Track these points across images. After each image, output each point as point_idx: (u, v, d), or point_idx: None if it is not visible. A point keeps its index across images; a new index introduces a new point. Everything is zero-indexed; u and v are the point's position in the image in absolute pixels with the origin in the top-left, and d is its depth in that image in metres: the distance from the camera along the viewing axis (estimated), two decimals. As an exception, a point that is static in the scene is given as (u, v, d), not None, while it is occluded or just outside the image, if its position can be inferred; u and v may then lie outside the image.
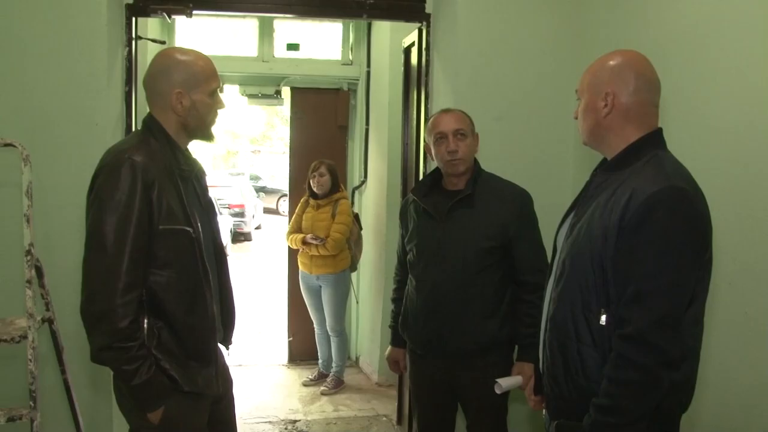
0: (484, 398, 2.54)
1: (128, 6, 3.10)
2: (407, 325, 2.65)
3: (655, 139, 1.73)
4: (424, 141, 2.69)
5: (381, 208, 5.12)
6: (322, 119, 5.58)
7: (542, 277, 2.48)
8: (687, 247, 1.56)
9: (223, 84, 2.03)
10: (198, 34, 5.26)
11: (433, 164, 3.30)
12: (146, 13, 3.13)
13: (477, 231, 2.48)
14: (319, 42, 5.56)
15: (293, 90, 5.53)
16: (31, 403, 2.21)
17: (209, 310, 1.97)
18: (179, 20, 5.03)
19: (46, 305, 2.52)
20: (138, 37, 3.20)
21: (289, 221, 5.19)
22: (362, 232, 5.08)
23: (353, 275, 5.21)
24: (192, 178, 2.03)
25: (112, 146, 1.98)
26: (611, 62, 1.76)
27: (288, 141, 5.76)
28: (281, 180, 18.65)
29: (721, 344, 2.10)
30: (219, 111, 2.04)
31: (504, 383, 2.38)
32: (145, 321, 1.85)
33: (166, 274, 1.86)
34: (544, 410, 1.90)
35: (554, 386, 1.76)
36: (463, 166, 2.51)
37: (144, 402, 1.85)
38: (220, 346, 2.14)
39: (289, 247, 5.15)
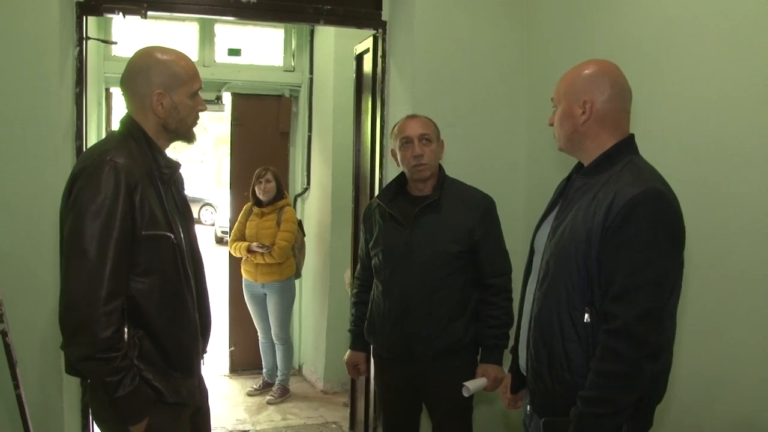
0: (451, 400, 2.57)
1: (79, 4, 2.98)
2: (373, 330, 2.66)
3: (629, 145, 1.82)
4: (390, 146, 2.70)
5: (325, 215, 5.11)
6: (264, 126, 5.52)
7: (507, 279, 2.57)
8: (667, 246, 1.65)
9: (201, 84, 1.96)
10: (136, 37, 5.10)
11: (389, 171, 3.37)
12: (98, 12, 3.03)
13: (444, 236, 2.52)
14: (261, 48, 5.50)
15: (234, 96, 5.45)
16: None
17: (191, 319, 1.91)
18: (116, 22, 4.90)
19: (0, 317, 2.39)
20: (87, 37, 3.09)
21: (230, 230, 5.11)
22: (305, 239, 5.05)
23: (296, 282, 5.17)
24: (171, 181, 1.97)
25: (91, 147, 1.90)
26: (587, 71, 1.83)
27: (229, 147, 5.65)
28: (202, 189, 18.23)
29: (688, 338, 2.22)
30: (199, 112, 1.97)
31: (471, 386, 2.43)
32: (125, 330, 1.76)
33: (148, 282, 1.79)
34: (528, 406, 1.94)
35: (539, 382, 1.81)
36: (429, 171, 2.55)
37: (127, 414, 1.77)
38: None
39: (230, 255, 5.05)
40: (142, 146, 1.87)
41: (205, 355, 2.11)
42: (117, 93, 5.32)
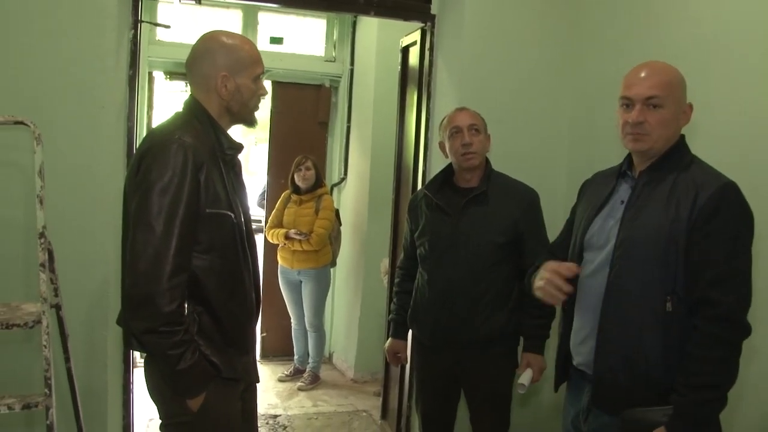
0: (490, 388, 2.62)
1: (135, -12, 3.03)
2: (417, 317, 2.69)
3: (685, 144, 1.88)
4: (438, 139, 2.73)
5: (362, 205, 5.13)
6: (303, 115, 5.55)
7: None
8: (749, 237, 1.73)
9: (264, 69, 2.00)
10: (179, 24, 5.15)
11: (433, 164, 3.39)
12: (154, -4, 3.07)
13: (490, 227, 2.55)
14: (303, 37, 5.53)
15: (275, 84, 5.47)
16: (46, 390, 2.13)
17: (248, 297, 1.96)
18: (161, 8, 4.96)
19: (55, 290, 2.44)
20: (141, 21, 3.13)
21: (266, 217, 5.15)
22: (341, 228, 5.08)
23: (330, 271, 5.20)
24: (233, 162, 2.01)
25: (157, 127, 1.95)
26: (679, 75, 1.86)
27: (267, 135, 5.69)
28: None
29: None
30: (261, 97, 2.01)
31: (525, 382, 2.44)
32: (189, 305, 1.81)
33: (209, 259, 1.83)
34: (584, 402, 1.93)
35: (607, 375, 1.82)
36: (477, 160, 2.58)
37: (186, 388, 1.81)
38: None
39: (266, 241, 5.10)
40: (207, 127, 1.91)
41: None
42: (159, 77, 5.39)
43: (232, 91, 1.92)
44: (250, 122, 2.03)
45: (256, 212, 5.26)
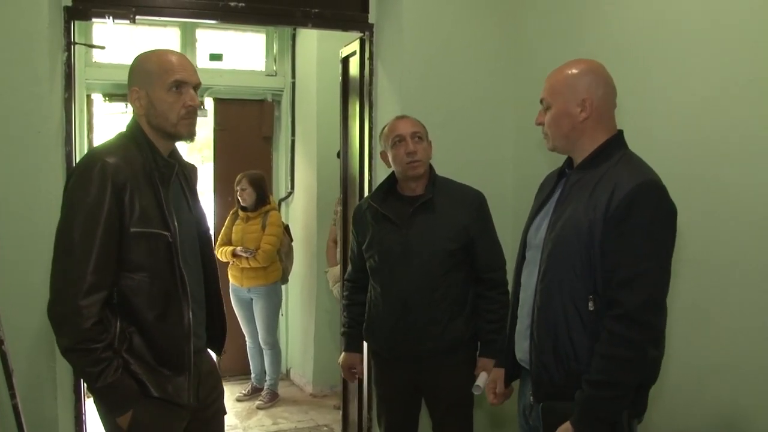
0: (453, 396, 2.60)
1: (67, 9, 2.96)
2: (373, 331, 2.67)
3: (620, 140, 1.90)
4: (380, 148, 2.72)
5: (310, 218, 5.12)
6: (247, 130, 5.52)
7: (503, 273, 2.60)
8: (666, 235, 1.74)
9: (186, 77, 1.93)
10: (117, 45, 5.06)
11: (378, 173, 3.40)
12: (87, 17, 3.01)
13: (440, 234, 2.54)
14: (243, 52, 5.49)
15: (216, 101, 5.43)
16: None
17: (185, 318, 1.91)
18: (97, 29, 4.86)
19: (-4, 324, 2.36)
20: (75, 42, 3.07)
21: (215, 234, 5.08)
22: (292, 244, 5.05)
23: (283, 287, 5.16)
24: (178, 180, 1.99)
25: (93, 148, 1.92)
26: (580, 70, 1.88)
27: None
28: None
29: (678, 328, 2.27)
30: (188, 106, 1.93)
31: (481, 384, 2.46)
32: (118, 324, 1.83)
33: (138, 278, 1.84)
34: (529, 397, 1.96)
35: (543, 373, 1.85)
36: (422, 167, 2.57)
37: (110, 405, 1.84)
38: (211, 352, 2.09)
39: (218, 260, 5.01)
40: (143, 146, 1.91)
41: (222, 354, 2.24)
42: (98, 99, 5.28)
43: (146, 105, 1.92)
44: (179, 135, 1.96)
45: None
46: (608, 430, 1.73)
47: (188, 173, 2.09)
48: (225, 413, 2.25)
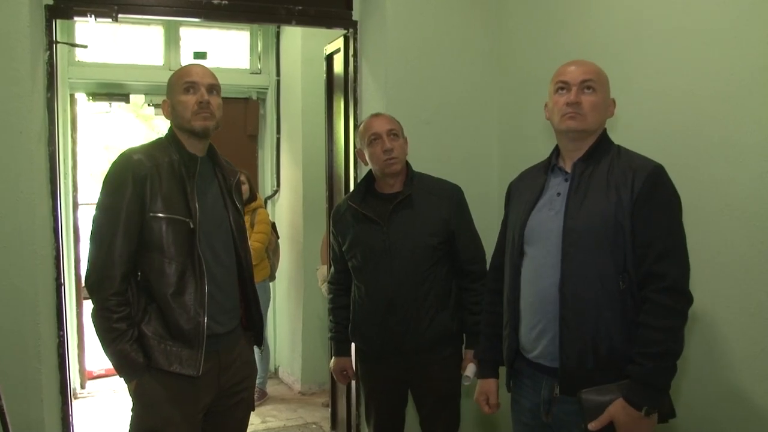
0: (440, 390, 2.62)
1: (48, 7, 2.93)
2: (359, 330, 2.67)
3: (608, 136, 2.00)
4: (355, 147, 2.73)
5: (296, 216, 5.11)
6: (232, 129, 5.47)
7: (484, 265, 2.61)
8: (681, 212, 1.88)
9: (197, 79, 2.19)
10: (100, 44, 5.03)
11: (363, 171, 3.39)
12: (68, 16, 2.98)
13: (421, 229, 2.55)
14: (227, 51, 5.48)
15: (201, 99, 5.40)
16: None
17: (198, 295, 2.10)
18: (80, 28, 4.83)
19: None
20: (57, 41, 3.04)
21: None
22: (279, 241, 5.04)
23: (270, 285, 5.15)
24: (216, 179, 2.27)
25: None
26: (605, 72, 2.00)
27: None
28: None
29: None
30: (198, 102, 2.15)
31: (471, 374, 2.47)
32: (143, 300, 2.09)
33: (158, 258, 2.08)
34: (554, 391, 1.94)
35: (575, 361, 1.85)
36: (400, 165, 2.58)
37: (118, 371, 2.09)
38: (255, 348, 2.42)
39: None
40: (170, 144, 2.20)
41: (260, 347, 2.54)
42: (81, 98, 5.24)
43: (171, 112, 2.22)
44: (194, 132, 2.19)
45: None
46: (661, 400, 1.81)
47: (226, 174, 2.31)
48: (252, 409, 2.42)
